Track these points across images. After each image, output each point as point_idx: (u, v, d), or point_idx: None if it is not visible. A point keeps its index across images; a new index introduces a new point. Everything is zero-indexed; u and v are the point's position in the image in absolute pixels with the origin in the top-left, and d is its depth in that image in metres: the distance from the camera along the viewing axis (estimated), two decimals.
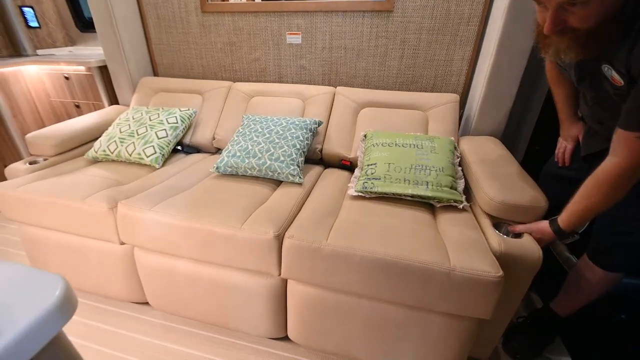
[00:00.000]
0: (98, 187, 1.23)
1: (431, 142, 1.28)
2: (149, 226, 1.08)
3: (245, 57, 1.80)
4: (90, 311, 1.33)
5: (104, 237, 1.18)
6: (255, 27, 1.71)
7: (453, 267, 0.85)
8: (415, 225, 1.02)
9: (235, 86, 1.72)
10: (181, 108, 1.63)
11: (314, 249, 0.93)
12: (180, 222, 1.04)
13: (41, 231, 1.28)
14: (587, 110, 0.95)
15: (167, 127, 1.52)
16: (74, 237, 1.24)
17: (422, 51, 1.53)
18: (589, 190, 0.80)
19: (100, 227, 1.15)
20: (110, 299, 1.37)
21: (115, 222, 1.14)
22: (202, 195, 1.18)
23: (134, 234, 1.13)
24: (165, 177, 1.35)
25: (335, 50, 1.65)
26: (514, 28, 1.22)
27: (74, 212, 1.15)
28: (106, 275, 1.27)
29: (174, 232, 1.06)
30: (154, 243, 1.11)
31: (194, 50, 1.86)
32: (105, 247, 1.21)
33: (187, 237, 1.05)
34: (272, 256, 0.99)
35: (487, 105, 1.39)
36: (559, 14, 0.68)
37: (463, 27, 1.43)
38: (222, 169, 1.31)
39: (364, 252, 0.90)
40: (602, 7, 0.65)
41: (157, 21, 1.86)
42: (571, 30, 0.69)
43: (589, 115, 0.95)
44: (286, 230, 1.00)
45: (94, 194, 1.17)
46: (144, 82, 1.84)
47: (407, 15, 1.47)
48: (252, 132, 1.40)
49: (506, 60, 1.28)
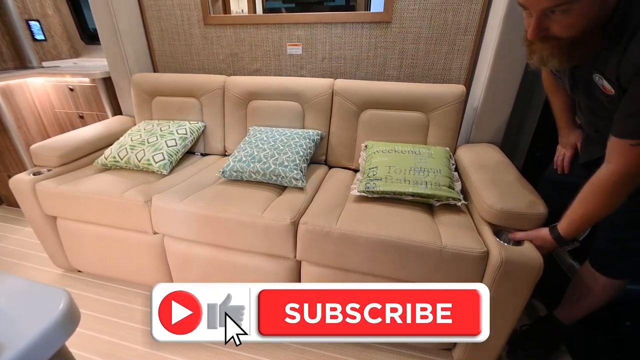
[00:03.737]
0: (125, 186, 1.34)
1: (428, 149, 1.34)
2: (179, 217, 1.21)
3: (246, 67, 1.83)
4: (127, 294, 1.47)
5: (138, 227, 1.31)
6: (257, 38, 1.75)
7: (444, 245, 0.98)
8: (414, 218, 1.11)
9: (229, 85, 1.66)
10: (191, 121, 1.69)
11: (325, 232, 1.06)
12: (208, 212, 1.18)
13: (79, 225, 1.41)
14: (583, 118, 0.96)
15: (176, 137, 1.56)
16: (110, 229, 1.37)
17: (421, 61, 1.55)
18: (586, 197, 0.81)
19: (136, 219, 1.29)
20: (143, 286, 1.50)
21: (150, 214, 1.27)
22: (221, 192, 1.29)
23: (166, 224, 1.27)
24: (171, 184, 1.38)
25: (335, 60, 1.67)
26: (510, 37, 1.24)
27: (113, 206, 1.29)
28: (139, 262, 1.40)
29: (202, 222, 1.19)
30: (184, 232, 1.25)
31: (197, 61, 1.90)
32: (139, 237, 1.34)
33: (212, 226, 1.19)
34: (288, 241, 1.13)
35: (486, 112, 1.40)
36: (541, 21, 0.69)
37: (460, 37, 1.45)
38: (228, 173, 1.33)
39: (369, 234, 1.03)
40: (584, 17, 0.66)
41: (161, 33, 1.90)
42: (554, 37, 0.70)
43: (585, 122, 0.96)
44: (301, 217, 1.13)
45: (129, 190, 1.30)
46: (136, 80, 1.78)
47: (405, 25, 1.50)
48: (258, 141, 1.43)
49: (503, 69, 1.30)
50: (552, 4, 0.65)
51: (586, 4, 0.64)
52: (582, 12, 0.65)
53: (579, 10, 0.65)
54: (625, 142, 0.70)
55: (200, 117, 1.73)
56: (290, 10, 2.77)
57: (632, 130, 0.69)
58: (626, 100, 0.68)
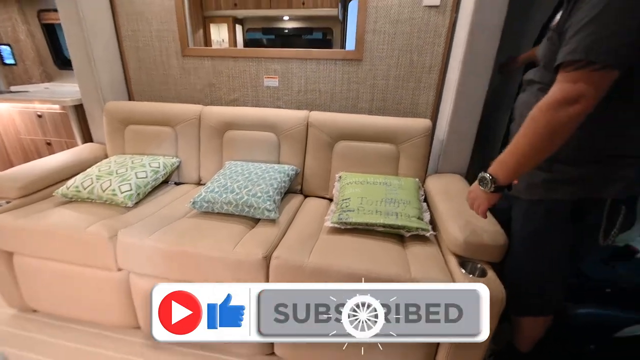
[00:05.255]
0: (89, 220, 1.28)
1: (399, 180, 1.39)
2: (146, 252, 1.17)
3: (224, 97, 1.86)
4: (88, 337, 1.36)
5: (102, 264, 1.25)
6: (235, 70, 1.79)
7: (413, 278, 0.99)
8: (385, 249, 1.14)
9: (206, 115, 1.67)
10: (165, 155, 1.68)
11: (297, 267, 1.06)
12: (176, 247, 1.14)
13: (38, 261, 1.33)
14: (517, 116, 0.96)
15: (148, 169, 1.53)
16: (71, 265, 1.29)
17: (390, 95, 1.64)
18: (518, 133, 0.74)
19: (100, 255, 1.23)
20: (104, 326, 1.40)
21: (115, 250, 1.22)
22: (191, 226, 1.26)
23: (132, 261, 1.22)
24: (139, 217, 1.34)
25: (311, 93, 1.74)
26: (468, 78, 1.35)
27: (75, 242, 1.23)
28: (101, 301, 1.32)
29: (170, 257, 1.15)
30: (151, 268, 1.20)
31: (174, 90, 1.91)
32: (102, 274, 1.27)
33: (182, 262, 1.15)
34: (261, 275, 1.11)
35: (451, 144, 1.49)
36: None
37: (425, 75, 1.57)
38: (199, 204, 1.31)
39: (340, 267, 1.03)
40: None
41: (138, 63, 1.91)
42: None
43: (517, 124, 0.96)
44: (273, 251, 1.12)
45: (94, 224, 1.25)
46: (110, 108, 1.75)
47: (375, 63, 1.60)
48: (233, 173, 1.44)
49: (464, 105, 1.40)
50: None
51: None
52: None
53: None
54: (565, 67, 0.67)
55: (175, 146, 1.72)
56: (270, 41, 2.89)
57: (572, 50, 0.65)
58: (572, 23, 0.67)
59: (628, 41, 0.61)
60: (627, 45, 0.61)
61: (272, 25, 2.87)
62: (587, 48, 0.62)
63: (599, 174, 0.80)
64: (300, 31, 2.83)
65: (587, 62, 0.63)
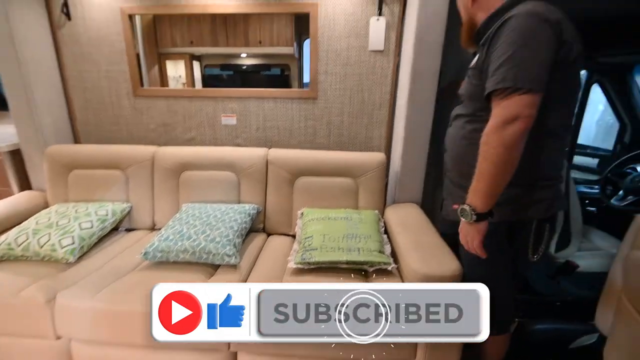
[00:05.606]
0: (23, 282, 1.14)
1: (359, 214, 1.42)
2: (90, 316, 1.07)
3: (179, 137, 1.82)
4: None
5: (37, 333, 1.13)
6: (190, 110, 1.77)
7: None
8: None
9: (160, 156, 1.61)
10: (115, 201, 1.57)
11: None
12: (124, 307, 1.05)
13: None
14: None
15: (94, 218, 1.42)
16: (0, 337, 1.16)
17: (346, 130, 1.72)
18: (479, 162, 0.81)
19: (35, 322, 1.11)
20: None
21: (53, 315, 1.10)
22: (141, 280, 1.16)
23: (73, 326, 1.11)
24: (82, 274, 1.21)
25: (269, 130, 1.76)
26: (415, 115, 1.46)
27: (5, 309, 1.10)
28: None
29: (118, 319, 1.06)
30: (96, 333, 1.09)
31: (125, 131, 1.84)
32: (37, 344, 1.15)
33: (131, 323, 1.04)
34: None
35: (405, 175, 1.57)
36: None
37: (377, 112, 1.67)
38: (152, 254, 1.23)
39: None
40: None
41: (85, 104, 1.82)
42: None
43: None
44: None
45: (28, 287, 1.12)
46: (52, 153, 1.63)
47: (329, 101, 1.68)
48: (189, 217, 1.38)
49: (413, 139, 1.50)
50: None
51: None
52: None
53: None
54: (497, 95, 0.78)
55: (125, 191, 1.62)
56: (230, 77, 2.92)
57: (500, 80, 0.77)
58: (491, 61, 0.80)
59: (542, 70, 0.75)
60: (542, 73, 0.75)
61: (230, 62, 2.91)
62: (514, 77, 0.75)
63: (522, 197, 0.90)
64: (258, 67, 2.89)
65: (515, 88, 0.75)
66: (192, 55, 2.84)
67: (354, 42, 1.57)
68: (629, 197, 1.50)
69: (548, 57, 0.75)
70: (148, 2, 1.63)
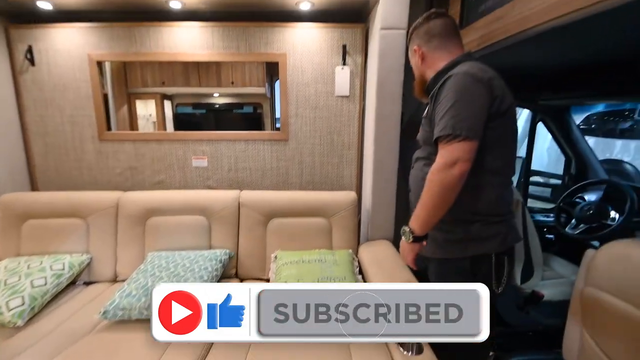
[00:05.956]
0: None
1: (333, 255, 1.42)
2: None
3: (147, 180, 1.77)
4: None
5: None
6: (159, 153, 1.75)
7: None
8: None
9: (125, 202, 1.55)
10: (73, 253, 1.46)
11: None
12: None
13: None
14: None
15: (48, 274, 1.31)
16: None
17: (318, 170, 1.76)
18: (422, 194, 0.92)
19: None
20: None
21: None
22: (99, 344, 1.07)
23: None
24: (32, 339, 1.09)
25: (241, 171, 1.77)
26: (382, 154, 1.53)
27: None
28: None
29: None
30: None
31: (88, 176, 1.76)
32: None
33: None
34: None
35: (377, 213, 1.61)
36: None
37: (346, 152, 1.73)
38: (112, 313, 1.14)
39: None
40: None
41: (45, 148, 1.74)
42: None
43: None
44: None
45: None
46: (4, 202, 1.53)
47: (300, 143, 1.72)
48: (155, 268, 1.31)
49: (382, 178, 1.56)
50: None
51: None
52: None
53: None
54: (440, 141, 0.89)
55: (85, 241, 1.52)
56: (202, 115, 2.93)
57: (442, 128, 0.87)
58: (436, 112, 0.91)
59: (477, 121, 0.86)
60: (477, 123, 0.86)
61: (202, 101, 2.94)
62: (453, 126, 0.86)
63: (477, 232, 0.96)
64: (231, 106, 2.94)
65: (454, 136, 0.85)
66: (164, 94, 2.85)
67: (321, 88, 1.66)
68: (581, 226, 1.61)
69: (482, 110, 0.87)
70: (118, 50, 1.64)
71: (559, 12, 0.85)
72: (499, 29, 1.08)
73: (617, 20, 0.87)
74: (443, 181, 0.86)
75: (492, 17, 1.12)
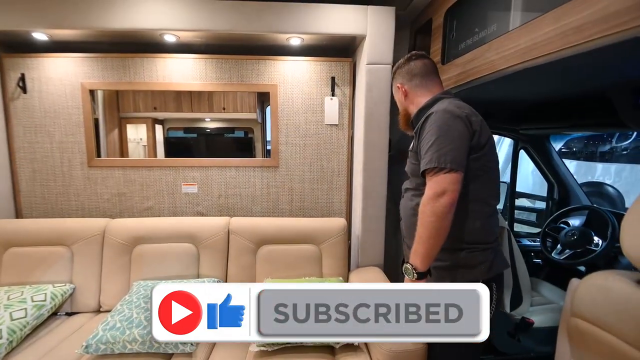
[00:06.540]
0: None
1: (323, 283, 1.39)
2: None
3: (136, 206, 1.76)
4: None
5: None
6: (149, 179, 1.74)
7: None
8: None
9: (112, 229, 1.53)
10: (56, 284, 1.42)
11: None
12: None
13: None
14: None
15: (29, 306, 1.27)
16: None
17: (308, 197, 1.77)
18: (419, 225, 0.93)
19: None
20: None
21: None
22: None
23: None
24: None
25: (232, 197, 1.77)
26: (371, 181, 1.56)
27: None
28: None
29: None
30: None
31: (75, 202, 1.74)
32: None
33: None
34: None
35: (366, 240, 1.61)
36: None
37: (335, 178, 1.76)
38: (94, 347, 1.09)
39: None
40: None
41: (32, 174, 1.72)
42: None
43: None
44: None
45: None
46: None
47: (290, 169, 1.75)
48: (141, 299, 1.27)
49: (371, 204, 1.59)
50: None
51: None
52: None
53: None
54: (428, 174, 0.93)
55: (69, 270, 1.48)
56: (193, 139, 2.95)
57: (428, 161, 0.92)
58: (421, 147, 0.96)
59: (459, 153, 0.91)
60: (459, 155, 0.91)
61: (193, 125, 2.97)
62: (437, 159, 0.90)
63: (464, 260, 0.99)
64: (222, 130, 2.97)
65: (440, 168, 0.90)
66: (155, 119, 2.87)
67: (311, 117, 1.71)
68: (567, 251, 1.65)
69: (463, 143, 0.92)
70: (111, 79, 1.68)
71: (527, 57, 0.92)
72: (473, 69, 1.16)
73: (587, 60, 0.93)
74: (435, 210, 0.89)
75: (467, 58, 1.20)
